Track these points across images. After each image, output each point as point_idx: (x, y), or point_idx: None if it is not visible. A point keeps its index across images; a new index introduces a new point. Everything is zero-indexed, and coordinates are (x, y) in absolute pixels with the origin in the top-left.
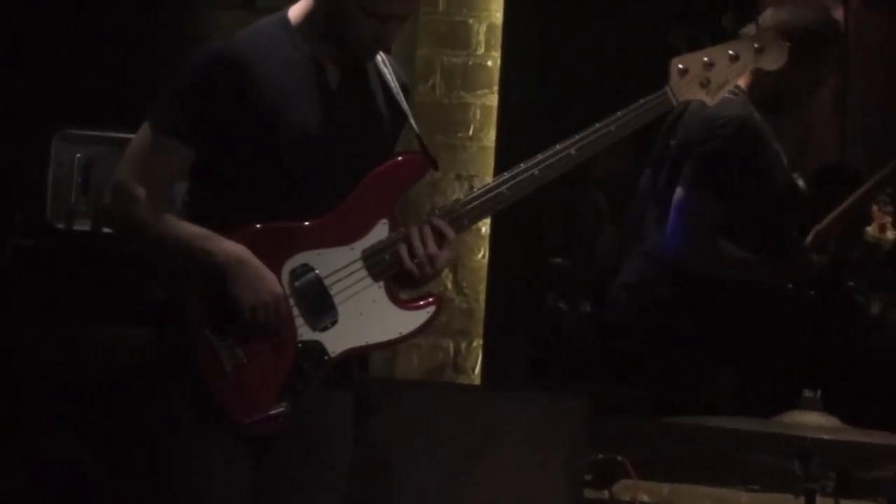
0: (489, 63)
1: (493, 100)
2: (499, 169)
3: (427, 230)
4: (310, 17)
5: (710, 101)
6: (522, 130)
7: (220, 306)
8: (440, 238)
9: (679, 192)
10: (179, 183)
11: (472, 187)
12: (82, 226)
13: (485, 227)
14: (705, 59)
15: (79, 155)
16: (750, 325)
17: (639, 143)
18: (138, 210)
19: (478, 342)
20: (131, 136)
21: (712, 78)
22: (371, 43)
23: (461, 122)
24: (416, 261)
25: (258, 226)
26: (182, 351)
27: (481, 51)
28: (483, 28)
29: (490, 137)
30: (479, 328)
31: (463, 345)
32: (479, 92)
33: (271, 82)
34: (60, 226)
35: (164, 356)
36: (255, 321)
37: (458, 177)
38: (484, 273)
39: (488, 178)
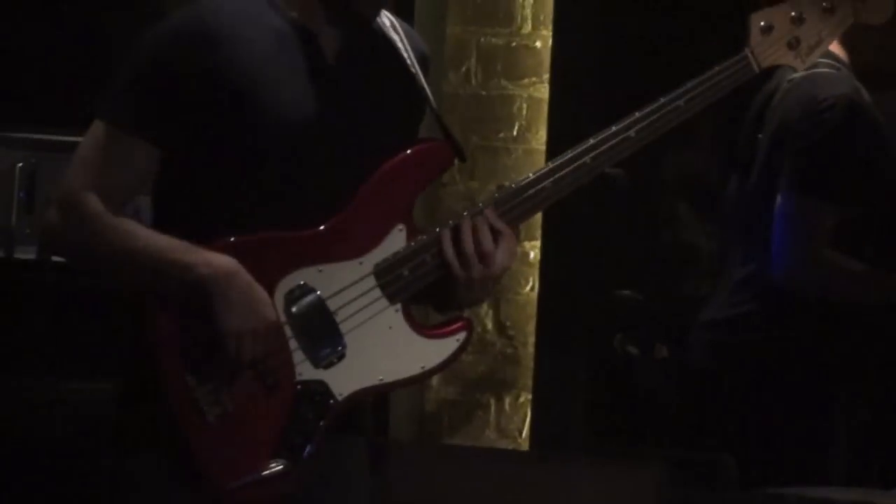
0: (538, 44)
1: (544, 91)
2: None
3: (480, 221)
4: None
5: (800, 65)
6: (580, 129)
7: (200, 338)
8: (494, 234)
9: (782, 197)
10: (142, 200)
11: None
12: (26, 253)
13: (534, 251)
14: (793, 13)
15: (20, 164)
16: (870, 368)
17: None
18: (93, 225)
19: (525, 397)
20: None
21: (802, 37)
22: None
23: (503, 118)
24: (463, 261)
25: (241, 238)
26: (151, 398)
27: (527, 28)
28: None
29: (540, 138)
30: (528, 379)
31: (507, 400)
32: (526, 81)
33: (251, 59)
34: None
35: (128, 408)
36: (242, 353)
37: (501, 188)
38: (533, 310)
39: None
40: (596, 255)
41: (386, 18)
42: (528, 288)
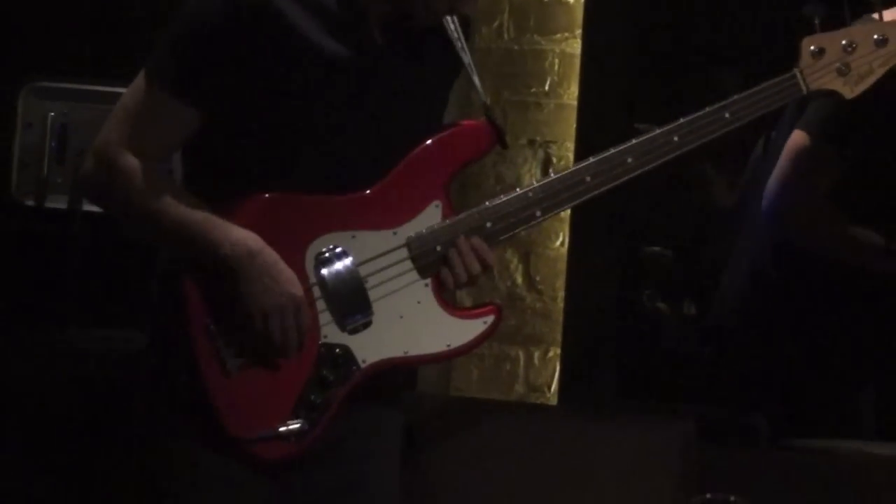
0: None
1: (576, 46)
2: (583, 133)
3: (468, 247)
4: None
5: (849, 93)
6: (612, 84)
7: (227, 303)
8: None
9: (795, 135)
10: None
11: (547, 155)
12: (57, 202)
13: None
14: (844, 41)
15: (52, 113)
16: None
17: None
18: (126, 183)
19: (555, 351)
20: (120, 89)
21: (853, 64)
22: (442, 8)
23: (535, 73)
24: (455, 275)
25: (276, 195)
26: (174, 347)
27: None
28: None
29: (571, 93)
30: (557, 334)
31: (536, 354)
32: (558, 36)
33: (301, 27)
34: (30, 202)
35: (153, 357)
36: (268, 331)
37: (531, 143)
38: (563, 265)
39: (569, 145)
40: (626, 211)
41: None
42: (558, 243)
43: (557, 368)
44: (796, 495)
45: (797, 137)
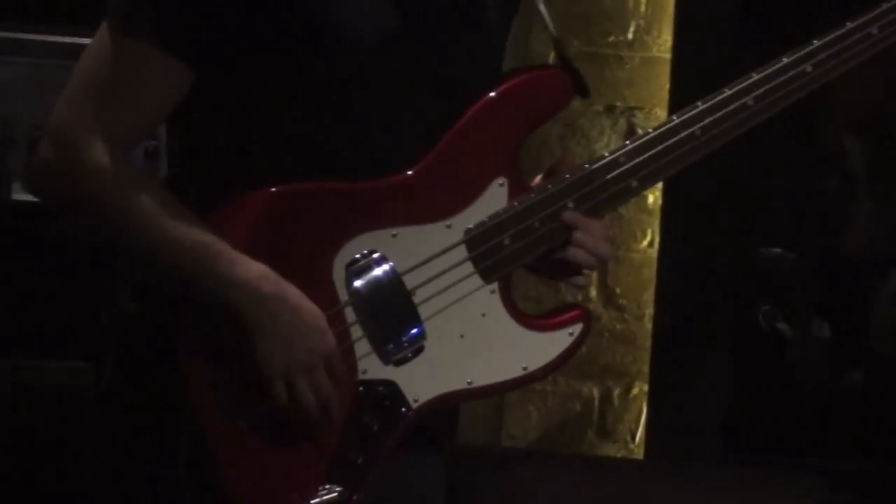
0: None
1: None
2: (680, 94)
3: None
4: None
5: None
6: (717, 31)
7: (233, 355)
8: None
9: None
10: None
11: (631, 126)
12: None
13: (654, 194)
14: None
15: None
16: None
17: None
18: (99, 182)
19: (640, 388)
20: (62, 38)
21: None
22: None
23: (615, 16)
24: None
25: (290, 187)
26: (163, 400)
27: None
28: None
29: (663, 43)
30: (644, 365)
31: (616, 392)
32: None
33: None
34: None
35: (129, 409)
36: (292, 396)
37: (610, 110)
38: (652, 272)
39: (660, 112)
40: (736, 199)
41: None
42: (645, 243)
43: (644, 410)
44: None
45: None
